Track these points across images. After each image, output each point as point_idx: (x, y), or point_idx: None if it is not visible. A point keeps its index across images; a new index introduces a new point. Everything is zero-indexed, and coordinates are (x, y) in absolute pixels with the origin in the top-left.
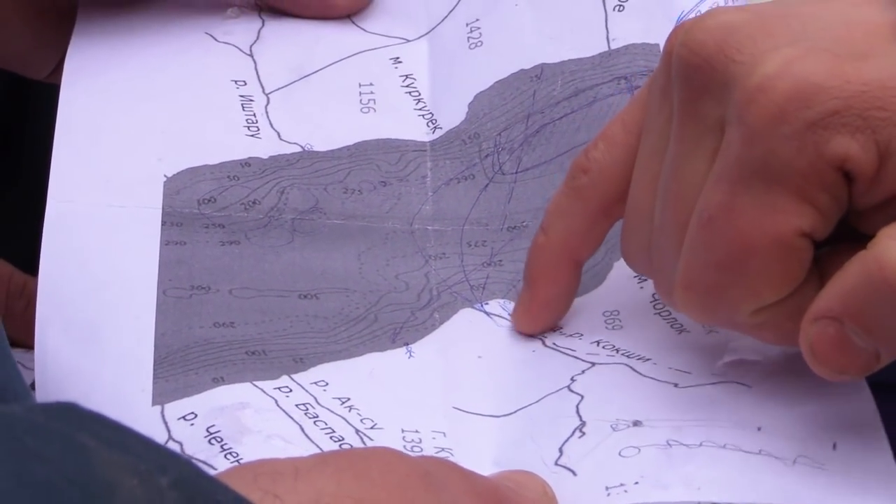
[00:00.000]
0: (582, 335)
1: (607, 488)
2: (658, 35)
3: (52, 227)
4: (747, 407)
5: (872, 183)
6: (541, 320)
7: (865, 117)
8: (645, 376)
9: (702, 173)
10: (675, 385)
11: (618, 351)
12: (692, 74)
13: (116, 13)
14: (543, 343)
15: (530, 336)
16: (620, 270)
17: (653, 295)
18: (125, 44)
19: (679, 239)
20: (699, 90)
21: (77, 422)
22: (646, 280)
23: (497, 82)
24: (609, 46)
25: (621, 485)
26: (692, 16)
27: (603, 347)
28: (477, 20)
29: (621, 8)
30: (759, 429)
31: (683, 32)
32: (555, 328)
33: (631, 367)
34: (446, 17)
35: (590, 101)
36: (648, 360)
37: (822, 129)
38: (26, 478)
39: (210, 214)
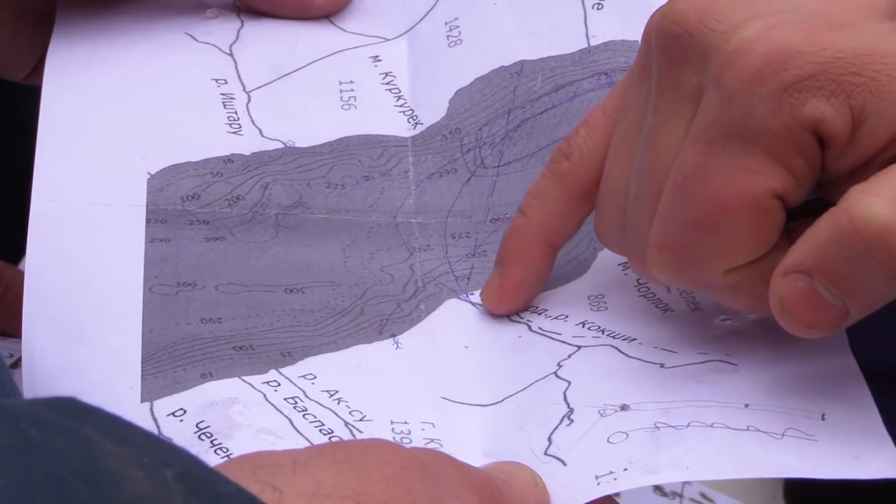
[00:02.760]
0: (567, 317)
1: (597, 477)
2: (637, 32)
3: (37, 226)
4: (734, 385)
5: (846, 147)
6: (510, 301)
7: (840, 82)
8: (631, 357)
9: (678, 140)
10: (662, 365)
11: (603, 332)
12: (672, 44)
13: (96, 15)
14: (529, 328)
15: (500, 316)
16: (604, 259)
17: (637, 279)
18: (105, 44)
19: (654, 206)
20: (678, 59)
21: (79, 415)
22: (629, 267)
23: (477, 79)
24: (588, 43)
25: (610, 472)
26: None
27: (588, 329)
28: (456, 19)
29: (600, 6)
30: (746, 406)
31: (665, 6)
32: (538, 311)
33: (617, 349)
34: (425, 16)
35: (570, 96)
36: (634, 339)
37: (798, 91)
38: (33, 471)
39: (194, 211)
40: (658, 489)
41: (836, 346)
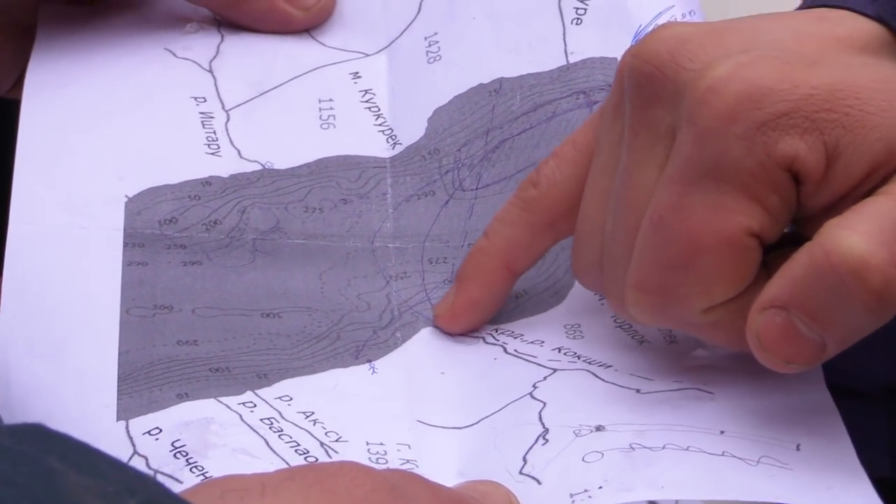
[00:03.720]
0: (543, 342)
1: (571, 495)
2: (616, 48)
3: (15, 249)
4: (710, 412)
5: (820, 184)
6: (462, 320)
7: (814, 119)
8: (607, 381)
9: (653, 180)
10: (638, 391)
11: (579, 357)
12: (644, 83)
13: (76, 28)
14: (505, 350)
15: (475, 341)
16: (580, 289)
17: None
18: (86, 59)
19: (631, 246)
20: (651, 98)
21: (45, 444)
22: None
23: (456, 97)
24: (567, 60)
25: (585, 490)
26: (650, 29)
27: (564, 354)
28: (435, 34)
29: (579, 21)
30: (721, 432)
31: (637, 44)
32: (514, 335)
33: (592, 373)
34: (404, 30)
35: (549, 116)
36: (610, 366)
37: (772, 129)
38: None
39: (171, 235)
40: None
41: (812, 379)
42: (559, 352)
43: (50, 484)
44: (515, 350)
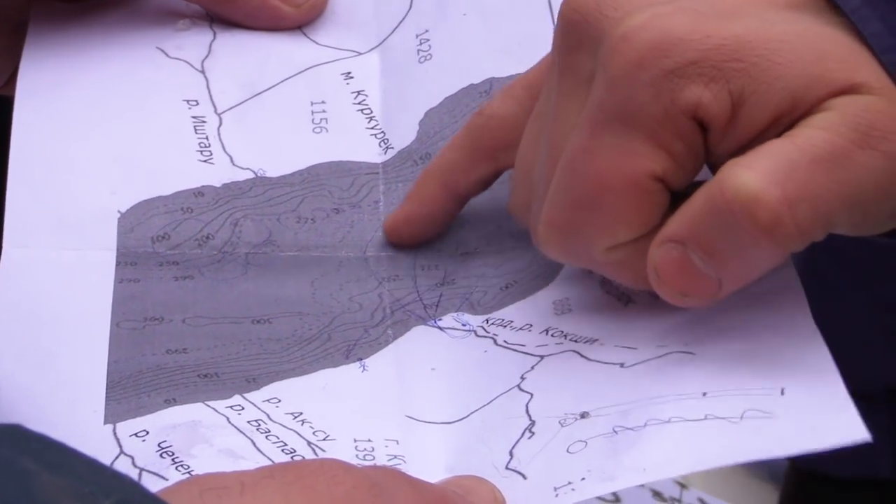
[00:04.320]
0: (531, 326)
1: (555, 489)
2: None
3: (8, 273)
4: (691, 374)
5: (726, 131)
6: (401, 232)
7: (721, 68)
8: (592, 360)
9: (573, 122)
10: (622, 365)
11: (566, 337)
12: (570, 30)
13: (69, 26)
14: (495, 341)
15: (466, 335)
16: (569, 270)
17: (602, 278)
18: (78, 58)
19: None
20: (575, 44)
21: (21, 445)
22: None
23: (447, 98)
24: None
25: (569, 483)
26: None
27: (552, 336)
28: (426, 31)
29: None
30: (704, 394)
31: None
32: (503, 324)
33: (579, 353)
34: (396, 27)
35: None
36: (595, 340)
37: (678, 77)
38: None
39: (164, 252)
40: (657, 495)
41: (797, 317)
42: (547, 334)
43: (23, 485)
44: (505, 341)
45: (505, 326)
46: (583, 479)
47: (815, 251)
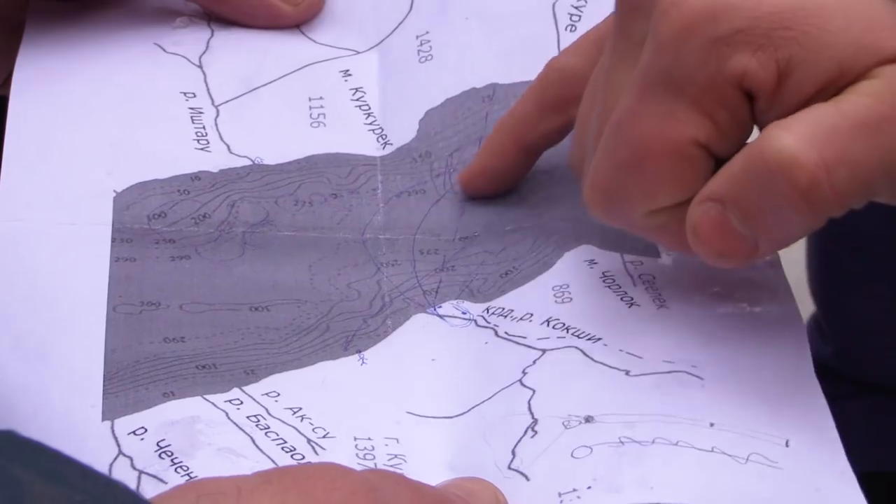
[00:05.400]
0: (532, 316)
1: (560, 494)
2: None
3: (2, 245)
4: (700, 401)
5: (773, 100)
6: (475, 184)
7: (770, 36)
8: (596, 362)
9: (625, 85)
10: (627, 373)
11: (568, 330)
12: None
13: (66, 24)
14: (496, 333)
15: (467, 324)
16: (569, 258)
17: (602, 272)
18: (75, 55)
19: None
20: (631, 7)
21: (13, 452)
22: (596, 263)
23: (448, 100)
24: None
25: (574, 490)
26: None
27: (553, 328)
28: (427, 33)
29: (573, 28)
30: (711, 425)
31: None
32: (504, 314)
33: (582, 351)
34: (396, 28)
35: None
36: (599, 339)
37: (725, 45)
38: None
39: (160, 230)
40: None
41: (802, 371)
42: (548, 325)
43: (14, 493)
44: (506, 332)
45: (505, 317)
46: (588, 487)
47: (838, 244)
